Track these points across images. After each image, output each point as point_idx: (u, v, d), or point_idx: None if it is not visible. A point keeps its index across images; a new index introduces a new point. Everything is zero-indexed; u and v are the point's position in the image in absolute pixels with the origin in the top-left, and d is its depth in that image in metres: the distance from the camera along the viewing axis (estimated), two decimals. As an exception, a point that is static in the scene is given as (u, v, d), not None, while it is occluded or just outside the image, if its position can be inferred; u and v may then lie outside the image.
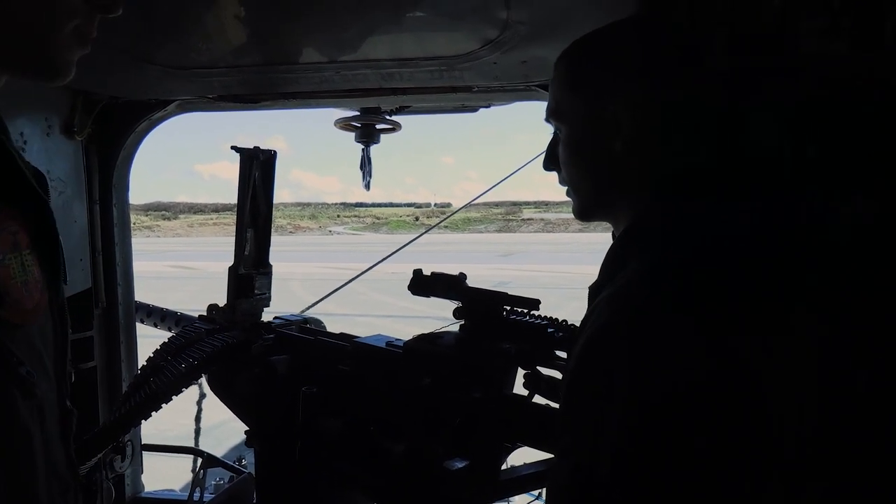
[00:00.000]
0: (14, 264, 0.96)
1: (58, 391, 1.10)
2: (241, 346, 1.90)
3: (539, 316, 1.48)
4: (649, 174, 1.12)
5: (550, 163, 1.25)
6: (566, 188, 1.24)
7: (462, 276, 1.55)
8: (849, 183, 1.16)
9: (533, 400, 1.45)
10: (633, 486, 0.89)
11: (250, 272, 2.11)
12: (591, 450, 0.93)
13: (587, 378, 0.98)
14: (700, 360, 0.90)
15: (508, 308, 1.48)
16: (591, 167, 1.17)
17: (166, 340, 1.99)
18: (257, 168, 2.10)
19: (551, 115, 1.21)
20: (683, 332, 0.92)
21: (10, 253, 0.95)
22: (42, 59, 0.97)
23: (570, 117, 1.17)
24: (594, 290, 1.12)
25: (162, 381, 1.86)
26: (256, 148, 2.12)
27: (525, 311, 1.47)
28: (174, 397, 1.89)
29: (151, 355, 1.98)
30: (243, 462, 3.14)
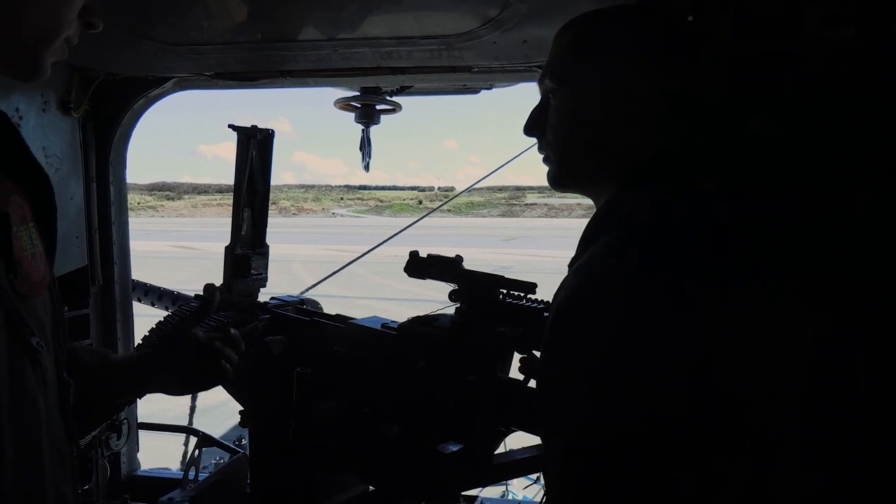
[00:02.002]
0: (24, 237, 0.98)
1: (55, 363, 1.11)
2: (237, 326, 1.90)
3: (535, 299, 1.46)
4: (636, 154, 1.11)
5: (534, 127, 1.22)
6: (544, 154, 1.22)
7: (458, 259, 1.53)
8: (852, 172, 1.15)
9: (528, 384, 1.45)
10: (615, 457, 0.89)
11: (247, 252, 2.09)
12: (575, 426, 0.93)
13: (559, 350, 0.99)
14: (664, 325, 0.91)
15: (504, 291, 1.46)
16: (585, 136, 1.14)
17: (162, 319, 1.98)
18: (255, 147, 2.08)
19: (550, 77, 1.17)
20: (648, 298, 0.92)
21: (20, 225, 0.97)
22: (28, 64, 1.03)
23: (573, 82, 1.15)
24: (571, 265, 1.11)
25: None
26: (254, 126, 2.10)
27: (521, 294, 1.45)
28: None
29: (147, 334, 1.98)
30: (243, 442, 3.15)
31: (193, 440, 2.41)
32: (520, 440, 1.55)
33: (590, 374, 0.91)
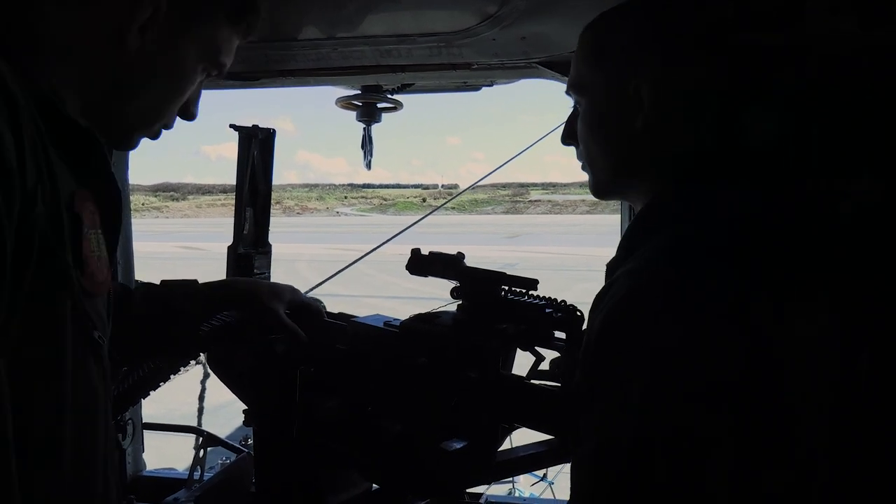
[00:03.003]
0: (93, 239, 1.03)
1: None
2: (240, 325, 1.90)
3: (537, 296, 1.46)
4: (670, 154, 1.10)
5: (569, 137, 1.24)
6: (582, 164, 1.23)
7: (460, 256, 1.53)
8: (857, 163, 1.14)
9: (531, 381, 1.44)
10: (650, 468, 0.87)
11: (249, 251, 2.10)
12: (612, 430, 0.91)
13: (608, 355, 0.96)
14: (724, 338, 0.89)
15: (506, 288, 1.46)
16: (610, 143, 1.15)
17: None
18: (256, 146, 2.09)
19: (572, 88, 1.19)
20: (707, 308, 0.90)
21: (91, 228, 1.03)
22: (120, 139, 1.18)
23: (591, 91, 1.15)
24: (612, 267, 1.11)
25: (161, 360, 1.86)
26: (255, 126, 2.11)
27: (523, 290, 1.45)
28: (173, 376, 1.89)
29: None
30: (249, 441, 3.15)
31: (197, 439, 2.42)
32: (524, 437, 1.55)
33: (638, 377, 0.90)
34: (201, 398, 3.48)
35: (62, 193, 0.96)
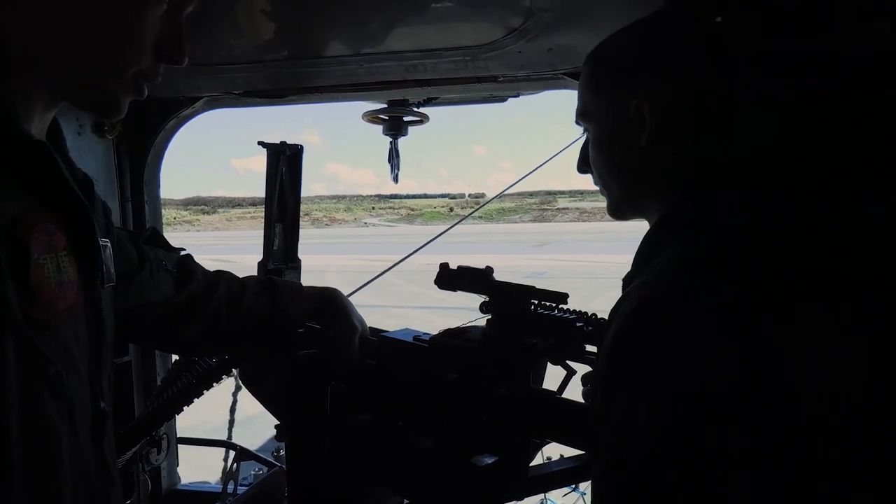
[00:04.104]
0: (49, 264, 0.98)
1: (91, 393, 1.10)
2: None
3: (567, 310, 1.45)
4: (677, 167, 1.11)
5: (583, 164, 1.28)
6: (599, 188, 1.27)
7: (489, 270, 1.52)
8: (887, 172, 1.12)
9: (562, 396, 1.43)
10: (660, 481, 0.86)
11: (279, 266, 2.12)
12: (623, 443, 0.90)
13: (619, 368, 0.96)
14: (734, 351, 0.87)
15: (536, 302, 1.45)
16: (619, 165, 1.18)
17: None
18: (284, 163, 2.11)
19: (579, 117, 1.23)
20: (718, 321, 0.89)
21: (45, 253, 0.97)
22: (99, 99, 1.07)
23: (595, 117, 1.19)
24: (627, 281, 1.11)
25: (194, 375, 1.88)
26: (283, 143, 2.13)
27: (553, 304, 1.44)
28: (206, 391, 1.91)
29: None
30: (281, 453, 3.18)
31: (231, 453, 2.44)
32: (558, 451, 1.53)
33: (646, 391, 0.89)
34: (232, 411, 3.52)
35: (5, 220, 0.91)
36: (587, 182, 1.31)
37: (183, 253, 1.69)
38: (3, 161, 0.95)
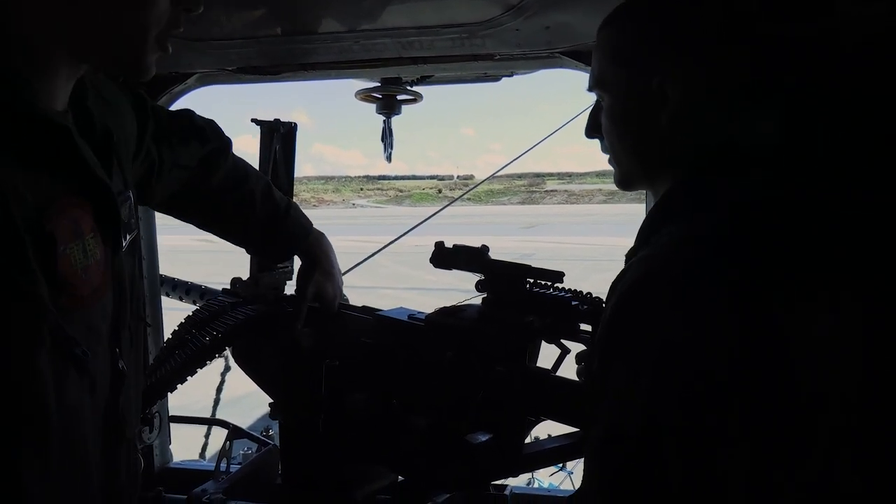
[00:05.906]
0: (75, 252, 1.00)
1: (111, 357, 1.16)
2: (265, 319, 1.91)
3: (563, 289, 1.45)
4: (695, 147, 1.09)
5: (593, 130, 1.24)
6: (608, 157, 1.23)
7: (484, 249, 1.52)
8: (882, 160, 1.12)
9: (556, 373, 1.44)
10: (658, 455, 0.87)
11: (270, 246, 2.10)
12: (621, 417, 0.91)
13: (618, 340, 0.96)
14: (736, 328, 0.88)
15: (531, 281, 1.46)
16: (635, 139, 1.15)
17: (190, 314, 2.00)
18: (278, 141, 2.09)
19: (595, 86, 1.19)
20: (720, 296, 0.89)
21: (71, 242, 0.99)
22: (130, 60, 1.07)
23: (613, 89, 1.15)
24: (629, 256, 1.10)
25: (187, 355, 1.88)
26: (277, 120, 2.11)
27: (549, 283, 1.44)
28: (199, 370, 1.91)
29: (176, 328, 2.00)
30: (270, 433, 3.18)
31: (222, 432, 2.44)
32: (546, 430, 1.54)
33: (647, 364, 0.89)
34: (219, 390, 3.53)
35: (28, 212, 0.92)
36: (576, 165, 1.30)
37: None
38: (24, 143, 0.95)
